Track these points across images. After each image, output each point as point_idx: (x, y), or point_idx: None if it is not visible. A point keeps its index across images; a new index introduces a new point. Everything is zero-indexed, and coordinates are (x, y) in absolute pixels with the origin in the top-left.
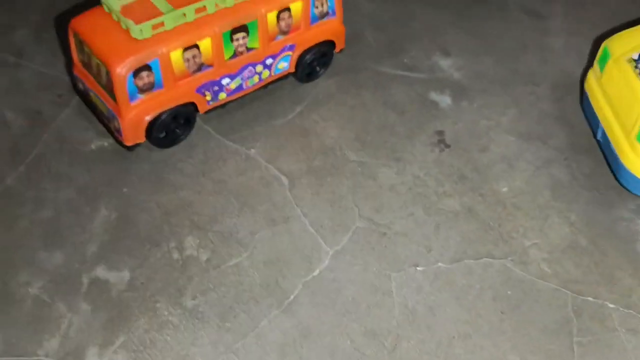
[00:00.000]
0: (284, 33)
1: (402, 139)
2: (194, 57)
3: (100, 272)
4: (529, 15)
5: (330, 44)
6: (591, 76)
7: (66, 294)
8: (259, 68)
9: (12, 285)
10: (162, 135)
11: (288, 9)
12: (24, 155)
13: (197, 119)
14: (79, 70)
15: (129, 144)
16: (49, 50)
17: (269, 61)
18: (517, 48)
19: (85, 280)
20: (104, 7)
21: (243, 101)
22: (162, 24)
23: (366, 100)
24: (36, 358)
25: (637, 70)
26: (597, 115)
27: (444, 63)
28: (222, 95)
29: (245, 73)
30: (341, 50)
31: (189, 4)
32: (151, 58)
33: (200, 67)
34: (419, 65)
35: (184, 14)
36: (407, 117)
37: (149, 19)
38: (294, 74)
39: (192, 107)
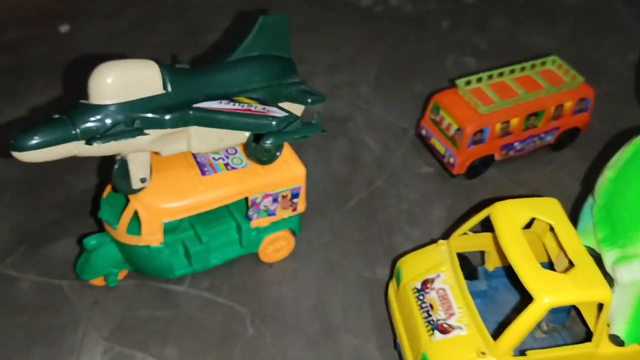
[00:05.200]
0: (555, 119)
1: None
2: (505, 127)
3: None
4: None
5: (579, 129)
6: (391, 289)
7: None
8: (536, 139)
9: (394, 243)
10: (472, 171)
11: (562, 105)
12: (383, 168)
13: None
14: (426, 122)
15: (455, 173)
16: (383, 102)
17: (542, 135)
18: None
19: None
20: (458, 90)
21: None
22: (495, 107)
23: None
24: None
25: (419, 302)
26: (394, 324)
27: None
28: (511, 153)
29: (528, 141)
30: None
31: (510, 95)
32: (486, 126)
33: (506, 134)
34: None
35: (507, 103)
36: None
37: (485, 102)
38: (551, 145)
39: (492, 157)
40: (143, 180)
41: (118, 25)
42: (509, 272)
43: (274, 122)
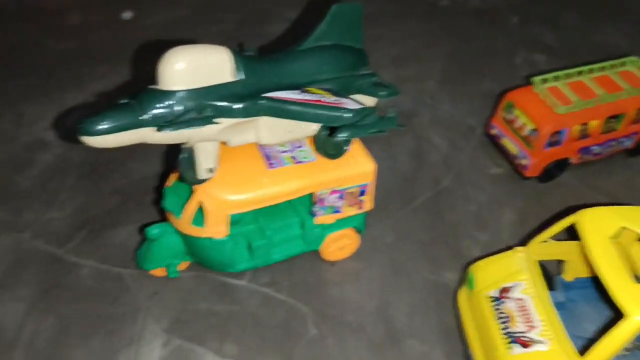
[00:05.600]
0: (635, 123)
1: None
2: (583, 129)
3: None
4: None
5: None
6: (461, 295)
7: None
8: (614, 143)
9: (462, 247)
10: (546, 174)
11: None
12: (450, 168)
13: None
14: (497, 121)
15: (527, 175)
16: (450, 99)
17: (621, 139)
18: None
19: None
20: (534, 87)
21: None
22: (574, 107)
23: None
24: None
25: (495, 312)
26: (465, 333)
27: None
28: (588, 157)
29: (606, 145)
30: None
31: (589, 96)
32: (563, 127)
33: (584, 136)
34: None
35: (587, 103)
36: None
37: (563, 102)
38: (629, 150)
39: (567, 160)
40: (210, 171)
41: (180, 12)
42: (590, 284)
43: (348, 115)
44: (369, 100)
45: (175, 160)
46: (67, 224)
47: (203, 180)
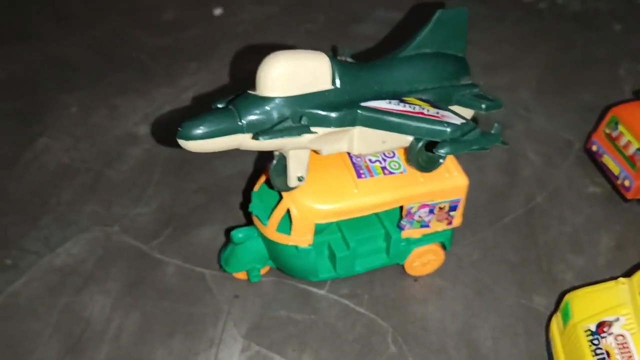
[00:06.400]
0: None
1: None
2: None
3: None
4: None
5: None
6: (554, 325)
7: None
8: None
9: (554, 271)
10: None
11: None
12: (544, 184)
13: None
14: (599, 136)
15: (629, 197)
16: (546, 111)
17: None
18: None
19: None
20: None
21: None
22: None
23: None
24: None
25: (592, 347)
26: None
27: None
28: None
29: None
30: None
31: None
32: None
33: None
34: None
35: None
36: None
37: None
38: None
39: None
40: (300, 179)
41: (270, 10)
42: None
43: (448, 129)
44: (466, 112)
45: (263, 163)
46: (153, 220)
47: (292, 188)
